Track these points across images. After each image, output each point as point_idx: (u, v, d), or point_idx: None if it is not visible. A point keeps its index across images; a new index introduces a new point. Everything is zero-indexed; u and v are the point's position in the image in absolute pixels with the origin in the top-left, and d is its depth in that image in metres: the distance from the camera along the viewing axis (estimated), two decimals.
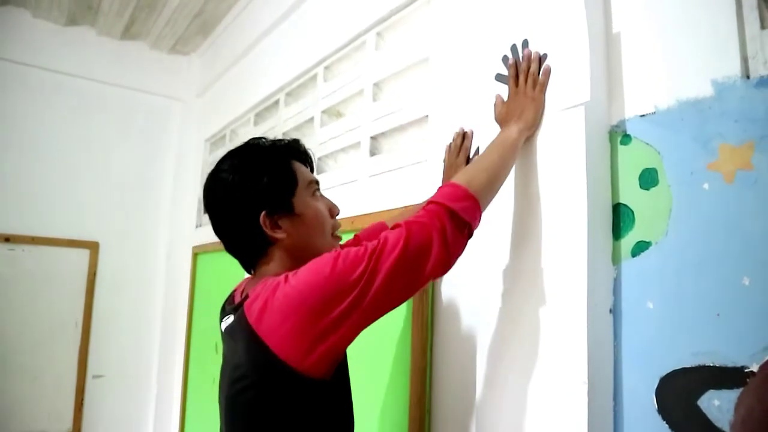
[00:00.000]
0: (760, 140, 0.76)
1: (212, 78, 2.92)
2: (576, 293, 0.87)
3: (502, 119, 1.01)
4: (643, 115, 0.91)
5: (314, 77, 2.02)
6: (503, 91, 1.05)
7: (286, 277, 0.84)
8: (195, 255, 2.84)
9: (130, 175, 3.01)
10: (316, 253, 0.91)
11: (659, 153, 0.88)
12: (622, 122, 0.94)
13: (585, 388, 0.84)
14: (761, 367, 0.73)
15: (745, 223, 0.77)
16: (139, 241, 3.03)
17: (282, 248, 0.95)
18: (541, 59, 0.98)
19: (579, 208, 0.89)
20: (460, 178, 0.89)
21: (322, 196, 1.03)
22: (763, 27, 0.80)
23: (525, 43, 1.01)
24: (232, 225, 0.96)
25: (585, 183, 0.88)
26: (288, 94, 2.20)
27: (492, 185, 0.91)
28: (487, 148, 0.95)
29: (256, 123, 2.46)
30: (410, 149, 1.46)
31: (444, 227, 0.82)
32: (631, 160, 0.92)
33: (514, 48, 1.04)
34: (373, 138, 1.64)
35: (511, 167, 0.97)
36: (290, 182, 0.96)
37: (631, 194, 0.91)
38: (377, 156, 1.61)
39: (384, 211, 1.46)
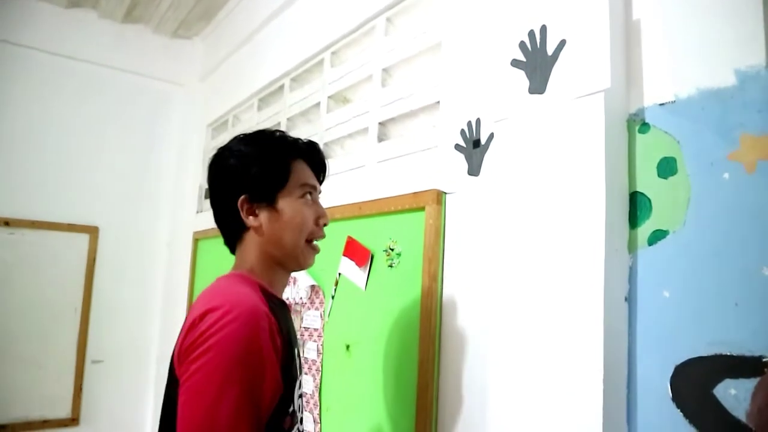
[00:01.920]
0: None
1: (215, 63, 2.90)
2: (593, 281, 0.87)
3: None
4: (662, 104, 0.90)
5: (320, 62, 2.00)
6: (519, 77, 1.04)
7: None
8: (196, 241, 2.83)
9: (130, 160, 2.99)
10: (285, 253, 1.01)
11: (678, 142, 0.87)
12: (641, 110, 0.93)
13: (600, 376, 0.84)
14: None
15: (765, 214, 0.77)
16: (140, 226, 3.01)
17: (255, 237, 1.00)
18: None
19: (597, 196, 0.88)
20: None
21: (315, 202, 1.06)
22: None
23: (543, 30, 1.01)
24: (217, 201, 1.03)
25: (603, 171, 0.88)
26: (293, 80, 2.19)
27: None
28: None
29: (259, 108, 2.44)
30: (420, 135, 1.45)
31: None
32: (650, 149, 0.91)
33: (531, 34, 1.03)
34: (381, 124, 1.63)
35: None
36: (281, 177, 1.00)
37: (648, 183, 0.91)
38: (385, 142, 1.60)
39: (392, 197, 1.45)
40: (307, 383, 1.70)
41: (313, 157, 1.08)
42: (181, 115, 3.11)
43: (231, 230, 1.03)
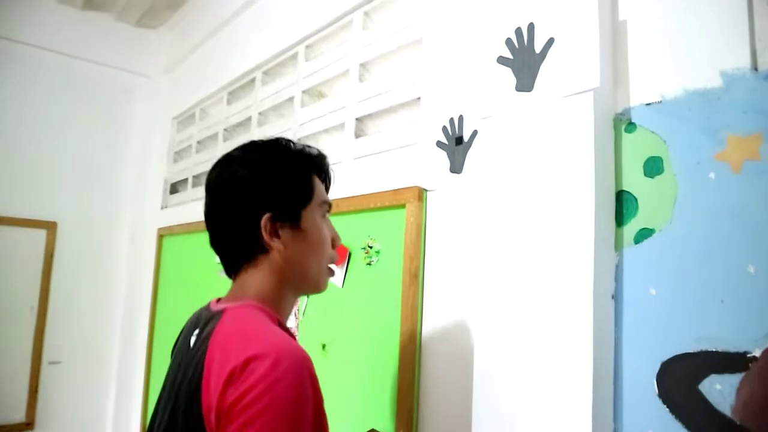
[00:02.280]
0: None
1: (182, 54, 2.82)
2: (582, 280, 0.88)
3: None
4: (649, 104, 0.91)
5: (294, 56, 1.97)
6: (505, 74, 1.04)
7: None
8: (160, 237, 2.75)
9: (91, 153, 2.88)
10: (306, 278, 0.90)
11: (665, 142, 0.89)
12: (627, 110, 0.94)
13: (590, 374, 0.84)
14: (764, 353, 0.75)
15: (751, 212, 0.78)
16: (101, 222, 2.90)
17: (273, 260, 0.87)
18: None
19: (586, 195, 0.89)
20: None
21: (329, 221, 0.96)
22: None
23: (531, 27, 1.01)
24: (228, 219, 0.88)
25: (593, 170, 0.88)
26: (265, 73, 2.14)
27: None
28: None
29: (229, 102, 2.38)
30: (400, 132, 1.44)
31: None
32: (636, 148, 0.92)
33: (518, 32, 1.03)
34: (358, 120, 1.61)
35: None
36: (306, 194, 0.90)
37: (634, 182, 0.92)
38: (363, 138, 1.58)
39: (371, 194, 1.44)
40: None
41: (323, 170, 0.96)
42: (145, 107, 3.01)
43: (241, 253, 0.88)
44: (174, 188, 2.82)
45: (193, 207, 2.50)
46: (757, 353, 0.76)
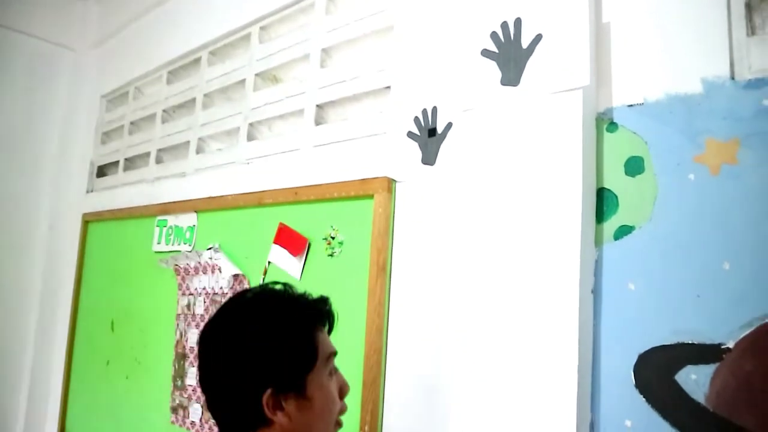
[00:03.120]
0: (746, 138, 0.83)
1: (114, 27, 2.62)
2: (566, 275, 0.90)
3: None
4: (631, 105, 0.95)
5: (247, 37, 1.88)
6: (490, 68, 1.04)
7: None
8: (85, 223, 2.55)
9: (4, 129, 2.61)
10: None
11: (646, 143, 0.92)
12: (609, 110, 0.97)
13: (575, 367, 0.87)
14: (737, 344, 0.80)
15: (727, 213, 0.83)
16: (14, 206, 2.64)
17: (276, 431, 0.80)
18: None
19: (573, 192, 0.91)
20: None
21: (336, 370, 0.88)
22: (749, 34, 0.86)
23: (518, 22, 1.01)
24: (225, 391, 0.81)
25: (581, 167, 0.90)
26: (212, 53, 2.03)
27: None
28: None
29: (169, 81, 2.25)
30: (366, 121, 1.41)
31: None
32: (617, 148, 0.95)
33: (504, 25, 1.03)
34: (319, 106, 1.57)
35: None
36: (311, 357, 0.82)
37: (615, 180, 0.95)
38: (324, 125, 1.54)
39: (335, 183, 1.40)
40: None
41: (329, 316, 0.88)
42: (68, 82, 2.76)
43: (241, 425, 0.81)
44: (102, 171, 2.63)
45: (125, 191, 2.35)
46: (731, 345, 0.80)
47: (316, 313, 0.86)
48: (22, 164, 2.65)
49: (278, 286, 0.87)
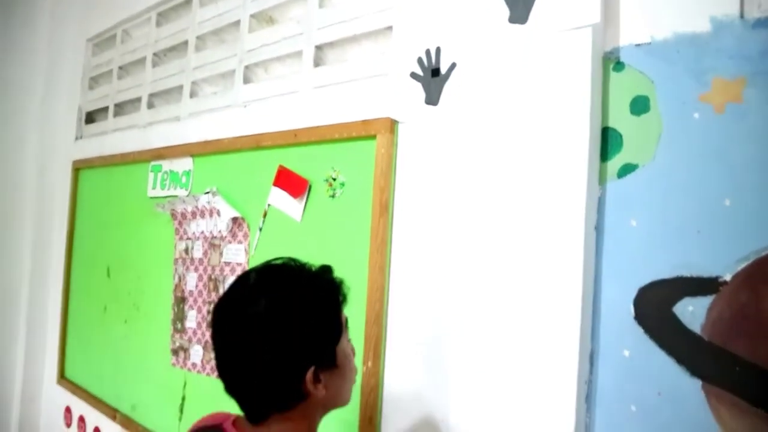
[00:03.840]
0: (752, 76, 0.84)
1: None
2: (573, 213, 0.92)
3: None
4: (638, 45, 0.95)
5: None
6: (497, 5, 1.03)
7: None
8: (76, 170, 2.52)
9: None
10: (339, 404, 0.88)
11: (653, 82, 0.93)
12: (616, 49, 0.97)
13: (579, 300, 0.90)
14: (734, 277, 0.83)
15: (730, 151, 0.85)
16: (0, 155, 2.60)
17: (310, 404, 0.83)
18: None
19: (580, 131, 0.92)
20: None
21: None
22: None
23: None
24: (262, 375, 0.80)
25: (589, 106, 0.91)
26: None
27: None
28: None
29: (159, 24, 2.18)
30: (367, 62, 1.40)
31: None
32: (623, 87, 0.96)
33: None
34: (318, 48, 1.54)
35: None
36: (338, 330, 0.86)
37: (620, 119, 0.96)
38: (323, 67, 1.52)
39: (336, 124, 1.39)
40: None
41: (338, 285, 0.91)
42: (50, 25, 2.67)
43: (274, 403, 0.83)
44: (90, 117, 2.58)
45: (115, 137, 2.31)
46: (728, 278, 0.84)
47: (336, 286, 0.89)
48: (4, 112, 2.59)
49: (291, 263, 0.88)
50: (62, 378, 2.50)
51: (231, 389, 0.84)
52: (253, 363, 0.80)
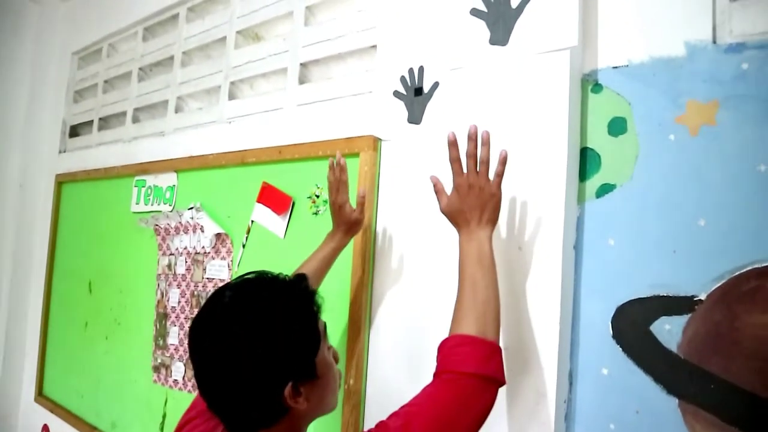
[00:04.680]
0: (725, 100, 0.86)
1: None
2: (552, 232, 0.93)
3: (455, 217, 0.94)
4: (616, 67, 0.97)
5: None
6: (479, 27, 1.05)
7: None
8: (59, 184, 2.50)
9: None
10: (325, 412, 0.87)
11: (630, 103, 0.95)
12: (594, 72, 0.99)
13: (558, 319, 0.91)
14: (709, 296, 0.85)
15: (705, 172, 0.87)
16: None
17: (293, 415, 0.82)
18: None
19: (559, 151, 0.93)
20: (471, 327, 0.85)
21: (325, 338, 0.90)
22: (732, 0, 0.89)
23: None
24: (239, 394, 0.79)
25: (567, 127, 0.93)
26: (191, 9, 1.98)
27: (498, 317, 0.88)
28: (468, 271, 0.90)
29: (145, 39, 2.19)
30: (351, 80, 1.41)
31: (487, 403, 0.82)
32: (601, 108, 0.98)
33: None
34: (303, 65, 1.55)
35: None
36: (316, 342, 0.83)
37: (598, 140, 0.98)
38: (308, 84, 1.53)
39: (320, 141, 1.40)
40: None
41: (312, 294, 0.87)
42: (34, 38, 2.66)
43: (258, 421, 0.81)
44: (74, 131, 2.56)
45: (99, 151, 2.30)
46: (703, 297, 0.85)
47: (310, 295, 0.86)
48: None
49: (264, 276, 0.85)
50: (40, 395, 2.45)
51: (213, 408, 0.83)
52: (231, 382, 0.79)
